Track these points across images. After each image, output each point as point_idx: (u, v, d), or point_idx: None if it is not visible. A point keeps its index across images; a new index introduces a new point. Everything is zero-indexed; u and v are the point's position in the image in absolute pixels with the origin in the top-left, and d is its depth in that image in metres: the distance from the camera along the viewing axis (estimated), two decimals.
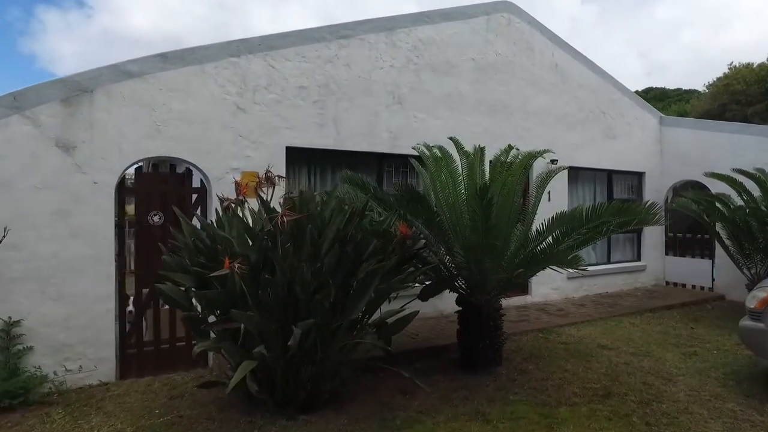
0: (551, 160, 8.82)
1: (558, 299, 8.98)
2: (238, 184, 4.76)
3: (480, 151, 5.36)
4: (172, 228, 4.77)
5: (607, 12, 64.40)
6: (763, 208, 7.91)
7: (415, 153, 6.02)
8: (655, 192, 10.64)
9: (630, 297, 9.33)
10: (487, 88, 8.32)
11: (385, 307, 4.94)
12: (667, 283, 10.70)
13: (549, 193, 8.74)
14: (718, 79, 24.04)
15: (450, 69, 7.96)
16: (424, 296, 5.16)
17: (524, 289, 8.80)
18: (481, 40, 8.29)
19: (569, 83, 9.33)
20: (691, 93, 32.58)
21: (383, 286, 4.19)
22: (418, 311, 4.75)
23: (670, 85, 40.91)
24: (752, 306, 4.70)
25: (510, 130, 8.41)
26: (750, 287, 8.03)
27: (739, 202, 8.26)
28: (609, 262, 10.10)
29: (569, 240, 4.76)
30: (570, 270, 4.42)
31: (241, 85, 6.38)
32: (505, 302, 8.41)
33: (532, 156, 5.20)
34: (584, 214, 4.46)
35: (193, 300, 4.38)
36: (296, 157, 6.91)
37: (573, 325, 7.21)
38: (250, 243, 4.25)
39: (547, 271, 8.90)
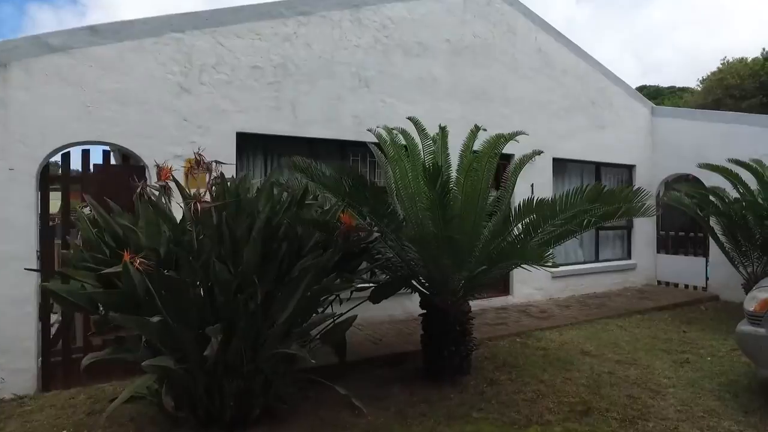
0: (534, 150, 8.23)
1: (542, 300, 8.37)
2: (159, 169, 4.13)
3: (441, 131, 4.73)
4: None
5: (602, 12, 64.01)
6: (760, 201, 7.33)
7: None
8: (646, 186, 9.76)
9: (619, 297, 8.74)
10: (464, 73, 7.71)
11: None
12: (659, 282, 10.12)
13: (532, 186, 8.17)
14: (712, 73, 23.55)
15: (423, 51, 7.34)
16: (375, 298, 4.54)
17: (505, 290, 8.18)
18: (457, 21, 7.67)
19: (554, 69, 8.73)
20: (685, 90, 32.10)
21: (317, 287, 3.56)
22: (356, 316, 4.13)
23: (665, 83, 40.50)
24: (751, 309, 4.10)
25: (488, 118, 7.74)
26: (746, 287, 7.46)
27: (735, 195, 7.69)
28: (597, 260, 9.50)
29: (542, 234, 4.13)
30: (540, 268, 3.79)
31: (185, 63, 5.75)
32: (485, 303, 7.86)
33: (502, 139, 4.58)
34: (556, 201, 3.83)
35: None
36: (250, 144, 6.28)
37: (555, 329, 6.60)
38: (168, 235, 3.62)
39: (530, 270, 8.38)
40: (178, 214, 3.87)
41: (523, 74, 8.36)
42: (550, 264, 3.57)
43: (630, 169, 10.06)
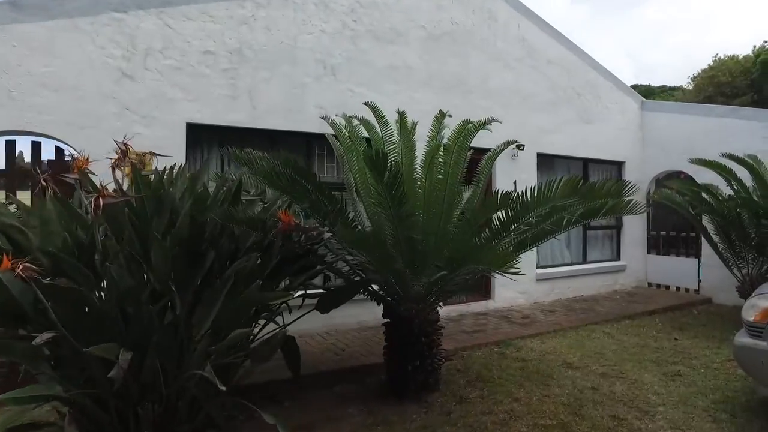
0: (517, 145, 7.75)
1: (525, 304, 7.87)
2: (73, 159, 3.60)
3: (400, 116, 4.21)
4: None
5: (597, 12, 63.76)
6: (756, 198, 6.87)
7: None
8: (636, 184, 9.57)
9: (607, 301, 8.26)
10: (441, 61, 7.20)
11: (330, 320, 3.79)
12: (650, 284, 9.65)
13: (515, 183, 7.68)
14: (703, 71, 23.20)
15: (396, 37, 6.82)
16: (323, 307, 4.00)
17: (486, 293, 7.68)
18: (433, 6, 7.16)
19: (538, 59, 8.24)
20: (676, 89, 31.81)
21: (241, 297, 3.02)
22: (286, 331, 3.58)
23: (657, 84, 40.27)
24: (750, 318, 3.61)
25: (467, 110, 7.16)
26: (741, 290, 7.00)
27: (729, 192, 7.23)
28: (585, 261, 9.02)
29: (513, 234, 3.62)
30: (503, 275, 3.27)
31: (128, 47, 5.21)
32: (464, 308, 7.35)
33: (471, 127, 4.07)
34: (528, 196, 3.31)
35: None
36: (202, 136, 5.73)
37: (537, 337, 6.10)
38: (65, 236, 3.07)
39: (506, 275, 7.88)
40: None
41: (505, 64, 7.86)
42: (512, 270, 3.04)
43: (619, 165, 9.59)
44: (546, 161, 8.42)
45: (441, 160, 3.90)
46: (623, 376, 4.76)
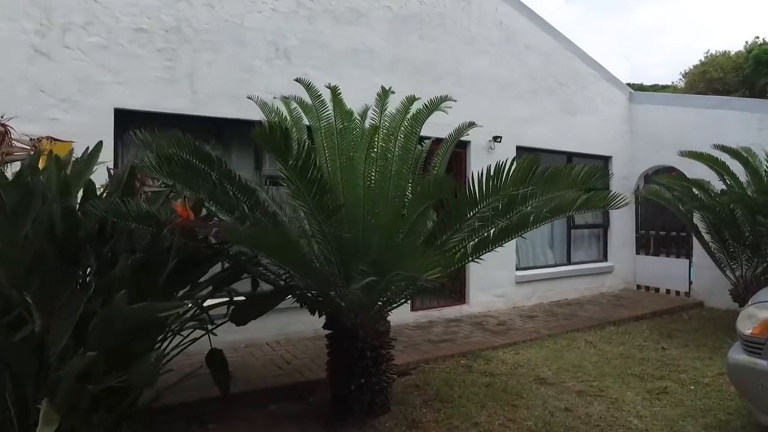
0: (494, 137, 7.17)
1: (503, 309, 7.29)
2: None
3: (333, 93, 3.61)
4: None
5: (591, 13, 63.35)
6: (750, 193, 6.32)
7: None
8: (623, 180, 9.03)
9: (592, 305, 7.69)
10: (408, 44, 6.61)
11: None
12: (638, 286, 9.09)
13: None
14: (695, 67, 22.74)
15: (357, 18, 6.23)
16: (238, 318, 3.38)
17: (461, 297, 7.09)
18: None
19: (516, 45, 7.66)
20: (668, 87, 31.38)
21: (114, 307, 2.40)
22: (163, 356, 2.96)
23: (649, 83, 39.92)
24: (748, 331, 3.03)
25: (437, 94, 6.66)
26: (734, 293, 6.44)
27: (722, 187, 6.68)
28: (569, 262, 8.44)
29: (463, 232, 3.02)
30: (427, 282, 2.66)
31: (42, 20, 4.59)
32: (435, 314, 6.75)
33: (422, 110, 3.49)
34: (474, 184, 2.72)
35: None
36: (134, 123, 4.99)
37: (510, 347, 5.51)
38: None
39: (490, 274, 7.27)
40: None
41: (481, 49, 7.28)
42: (436, 277, 2.43)
43: (606, 160, 9.02)
44: (526, 155, 7.82)
45: (383, 145, 3.30)
46: (602, 394, 4.18)
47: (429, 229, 3.22)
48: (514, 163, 2.64)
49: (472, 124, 4.09)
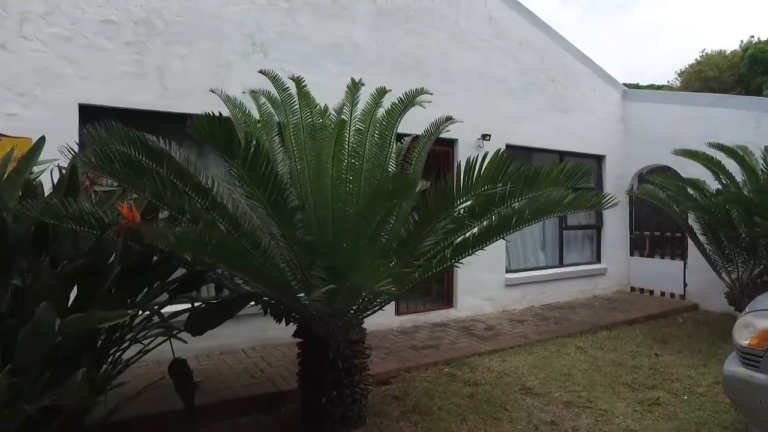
0: (482, 135, 6.95)
1: (492, 313, 7.06)
2: None
3: (297, 84, 3.38)
4: None
5: (589, 13, 63.25)
6: (746, 193, 6.11)
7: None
8: (617, 180, 8.83)
9: (584, 308, 7.46)
10: (394, 40, 6.38)
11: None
12: (632, 289, 8.88)
13: None
14: (690, 66, 22.58)
15: (340, 11, 5.99)
16: (193, 327, 3.13)
17: (447, 301, 6.86)
18: None
19: (507, 40, 7.44)
20: (664, 87, 31.26)
21: (38, 320, 2.15)
22: (80, 373, 2.72)
23: (645, 83, 39.84)
24: (745, 342, 2.80)
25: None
26: (730, 296, 6.23)
27: (717, 187, 6.47)
28: (561, 264, 8.22)
29: (436, 233, 2.79)
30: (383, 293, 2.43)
31: None
32: (420, 318, 6.52)
33: (395, 104, 3.25)
34: (444, 185, 2.48)
35: None
36: (101, 120, 4.85)
37: (497, 353, 5.28)
38: None
39: (478, 277, 7.04)
40: None
41: (470, 45, 7.05)
42: (386, 288, 2.19)
43: (599, 159, 8.80)
44: (517, 154, 7.58)
45: (353, 142, 3.07)
46: (591, 406, 3.95)
47: (402, 232, 2.98)
48: (485, 159, 2.40)
49: (449, 118, 3.86)
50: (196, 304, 3.32)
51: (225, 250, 2.26)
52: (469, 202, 2.64)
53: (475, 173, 2.39)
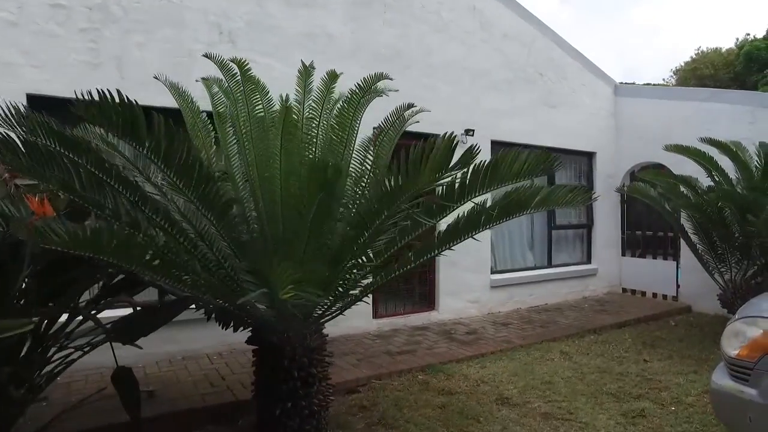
0: (466, 130, 6.67)
1: (476, 316, 6.77)
2: None
3: (240, 68, 3.10)
4: None
5: (586, 12, 63.04)
6: (740, 191, 5.84)
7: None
8: (608, 177, 8.56)
9: (573, 311, 7.19)
10: (372, 30, 6.09)
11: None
12: (624, 290, 8.61)
13: None
14: (686, 63, 22.33)
15: (313, 0, 5.72)
16: (123, 335, 2.83)
17: (429, 303, 6.57)
18: None
19: (492, 32, 7.16)
20: (659, 86, 31.05)
21: None
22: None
23: (643, 82, 39.69)
24: (733, 352, 2.53)
25: (405, 88, 5.98)
26: (723, 298, 5.96)
27: (709, 183, 6.20)
28: (550, 265, 7.94)
29: (383, 235, 2.51)
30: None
31: None
32: (400, 321, 6.22)
33: (355, 93, 2.98)
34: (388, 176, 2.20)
35: None
36: (51, 112, 4.56)
37: (477, 359, 5.00)
38: None
39: (462, 278, 6.75)
40: None
41: (453, 36, 6.77)
42: (290, 296, 1.89)
43: (590, 156, 8.54)
44: (501, 150, 7.31)
45: (305, 133, 2.79)
46: (571, 418, 3.67)
47: (345, 231, 2.69)
48: (426, 141, 2.11)
49: (410, 105, 3.56)
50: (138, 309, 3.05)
51: (129, 249, 1.98)
52: (422, 197, 2.36)
53: (422, 162, 2.10)
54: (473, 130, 6.66)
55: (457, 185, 2.41)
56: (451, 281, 6.54)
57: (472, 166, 2.29)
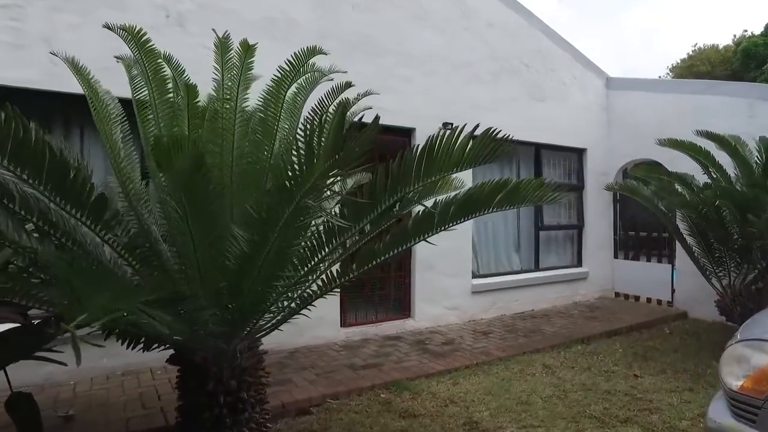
0: (444, 124, 6.20)
1: (455, 324, 6.29)
2: None
3: (138, 39, 2.64)
4: None
5: (585, 13, 62.65)
6: (739, 188, 5.38)
7: None
8: (600, 175, 8.10)
9: (561, 318, 6.71)
10: (340, 16, 5.63)
11: None
12: (617, 294, 8.14)
13: None
14: (682, 60, 21.89)
15: None
16: None
17: (405, 310, 6.10)
18: None
19: (474, 21, 6.70)
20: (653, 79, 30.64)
21: None
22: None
23: None
24: (737, 384, 2.06)
25: (378, 79, 5.61)
26: (721, 304, 5.50)
27: (706, 180, 5.74)
28: (537, 268, 7.47)
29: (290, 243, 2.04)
30: None
31: None
32: (371, 330, 5.72)
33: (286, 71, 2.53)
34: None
35: None
36: None
37: (450, 374, 4.52)
38: None
39: (440, 283, 6.22)
40: None
41: (432, 24, 6.31)
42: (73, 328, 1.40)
43: (580, 153, 8.07)
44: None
45: (224, 122, 2.32)
46: None
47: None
48: (328, 122, 1.65)
49: (348, 84, 3.09)
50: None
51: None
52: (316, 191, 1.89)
53: (314, 147, 1.62)
54: (452, 124, 6.17)
55: (382, 179, 1.94)
56: (428, 286, 6.07)
57: (402, 154, 1.81)
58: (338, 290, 2.91)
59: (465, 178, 3.56)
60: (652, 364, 4.87)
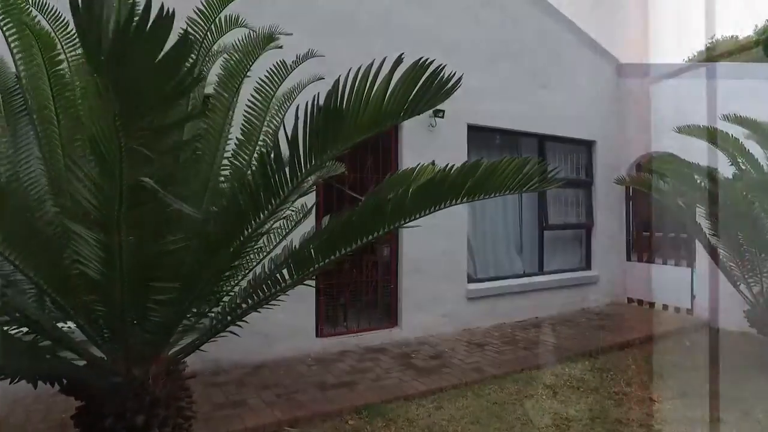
0: (434, 111, 5.58)
1: (449, 333, 5.65)
2: None
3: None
4: None
5: (598, 4, 61.47)
6: None
7: None
8: (610, 169, 7.41)
9: (567, 327, 6.04)
10: None
11: None
12: (630, 300, 7.44)
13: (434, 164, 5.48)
14: (698, 53, 20.93)
15: None
16: None
17: (391, 318, 5.48)
18: None
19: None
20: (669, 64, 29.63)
21: None
22: None
23: None
24: None
25: (358, 58, 5.02)
26: (752, 315, 4.81)
27: (734, 172, 5.05)
28: (541, 272, 6.80)
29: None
30: None
31: None
32: (351, 341, 5.09)
33: None
34: None
35: None
36: None
37: (433, 396, 3.90)
38: None
39: (431, 288, 5.52)
40: None
41: (420, 2, 5.69)
42: None
43: (589, 146, 7.39)
44: (481, 137, 6.21)
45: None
46: None
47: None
48: None
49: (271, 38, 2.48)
50: None
51: None
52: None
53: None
54: (443, 111, 5.56)
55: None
56: (417, 292, 5.45)
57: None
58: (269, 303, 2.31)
59: None
60: (671, 385, 4.20)
